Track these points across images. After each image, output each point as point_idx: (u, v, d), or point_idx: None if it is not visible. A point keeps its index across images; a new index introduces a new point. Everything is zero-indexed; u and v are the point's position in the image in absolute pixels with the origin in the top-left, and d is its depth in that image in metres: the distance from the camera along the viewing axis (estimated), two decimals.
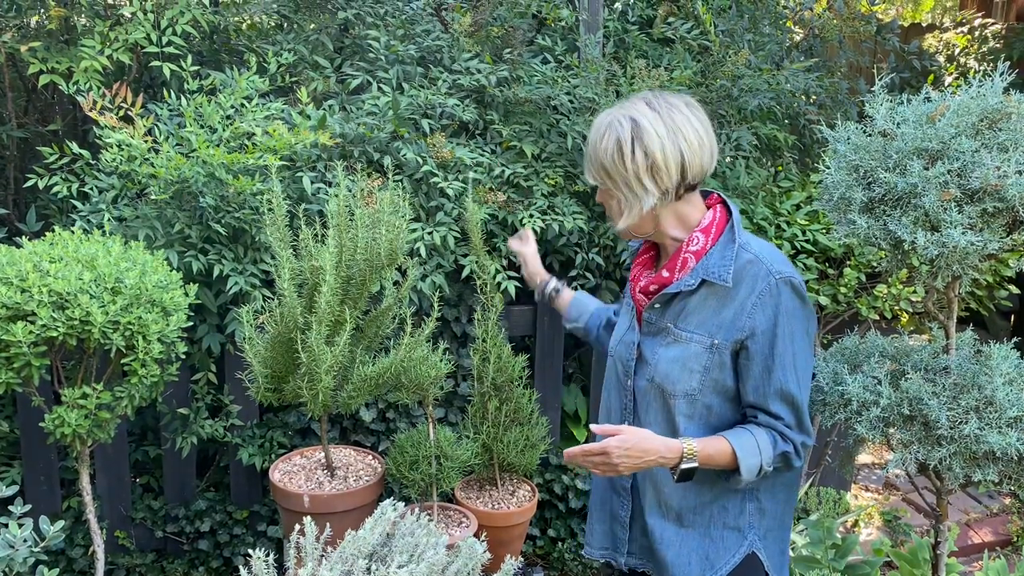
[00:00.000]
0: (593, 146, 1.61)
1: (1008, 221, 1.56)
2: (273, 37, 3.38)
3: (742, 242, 1.58)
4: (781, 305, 1.53)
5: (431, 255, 2.86)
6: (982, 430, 1.60)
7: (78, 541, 2.84)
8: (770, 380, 1.54)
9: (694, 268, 1.60)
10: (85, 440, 2.24)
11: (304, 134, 2.65)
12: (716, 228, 1.62)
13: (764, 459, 1.55)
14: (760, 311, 1.53)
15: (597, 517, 1.87)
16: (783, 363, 1.54)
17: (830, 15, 3.66)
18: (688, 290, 1.59)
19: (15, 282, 1.99)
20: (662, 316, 1.65)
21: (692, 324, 1.60)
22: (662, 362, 1.62)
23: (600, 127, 1.60)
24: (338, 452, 2.69)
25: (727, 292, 1.56)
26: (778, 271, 1.54)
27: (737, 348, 1.57)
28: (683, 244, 1.63)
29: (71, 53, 2.84)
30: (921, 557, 2.26)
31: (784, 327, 1.53)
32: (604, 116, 1.61)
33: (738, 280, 1.55)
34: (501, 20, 3.39)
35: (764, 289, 1.53)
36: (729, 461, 1.55)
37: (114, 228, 2.56)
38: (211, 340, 2.75)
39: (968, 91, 1.64)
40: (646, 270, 1.73)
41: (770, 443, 1.56)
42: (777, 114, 3.39)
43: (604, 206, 1.69)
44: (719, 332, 1.57)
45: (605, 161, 1.58)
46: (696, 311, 1.60)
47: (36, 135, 3.25)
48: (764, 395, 1.56)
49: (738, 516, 1.65)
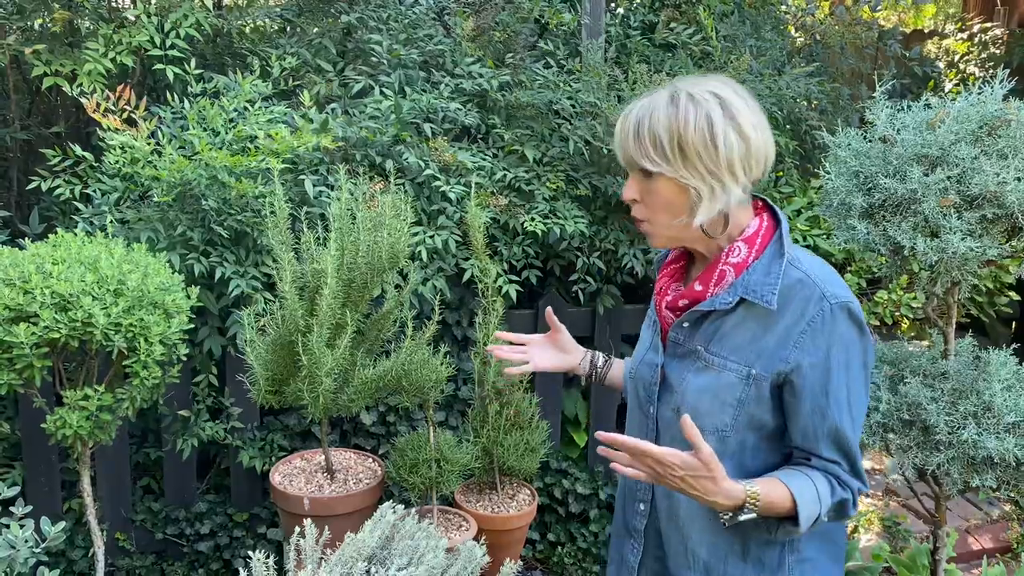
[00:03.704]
0: (665, 124, 1.30)
1: (1007, 227, 1.57)
2: (276, 41, 3.39)
3: (791, 257, 1.34)
4: (836, 335, 1.29)
5: (432, 259, 2.87)
6: (980, 436, 1.60)
7: (78, 543, 2.85)
8: (823, 422, 1.32)
9: (732, 284, 1.35)
10: (86, 442, 2.25)
11: (306, 137, 2.66)
12: (762, 239, 1.37)
13: (823, 508, 1.32)
14: (810, 341, 1.30)
15: (612, 557, 1.64)
16: (838, 402, 1.31)
17: (832, 21, 3.67)
18: (724, 309, 1.36)
19: (18, 283, 2.00)
20: (691, 337, 1.41)
21: (726, 349, 1.36)
22: (691, 391, 1.39)
23: (675, 101, 1.31)
24: (338, 455, 2.69)
25: (770, 315, 1.33)
26: (833, 295, 1.30)
27: (780, 382, 1.34)
28: (722, 255, 1.38)
29: (75, 56, 2.86)
30: (920, 563, 2.26)
31: (838, 360, 1.30)
32: (666, 92, 1.33)
33: (785, 302, 1.31)
34: (503, 25, 3.41)
35: (816, 316, 1.29)
36: (787, 509, 1.31)
37: (117, 230, 2.56)
38: (212, 342, 2.76)
39: (968, 98, 1.65)
40: (675, 282, 1.48)
41: (829, 491, 1.33)
42: (779, 119, 3.40)
43: (642, 204, 1.38)
44: (758, 361, 1.33)
45: (691, 140, 1.28)
46: (732, 334, 1.36)
47: (39, 137, 3.27)
48: (815, 439, 1.33)
49: (776, 572, 1.42)
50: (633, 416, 1.54)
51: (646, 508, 1.51)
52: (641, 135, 1.32)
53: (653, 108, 1.32)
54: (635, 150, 1.33)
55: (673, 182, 1.32)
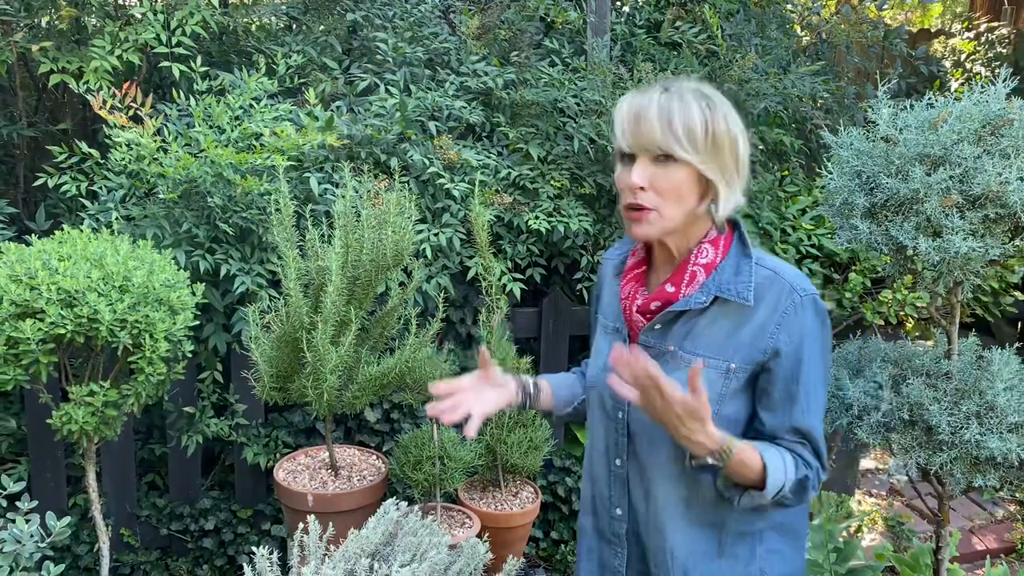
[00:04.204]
0: (700, 116, 1.35)
1: (1010, 227, 1.57)
2: (282, 39, 3.40)
3: (756, 256, 1.43)
4: (807, 325, 1.39)
5: (437, 256, 2.88)
6: (983, 436, 1.60)
7: (83, 538, 2.86)
8: (792, 408, 1.40)
9: (704, 284, 1.42)
10: (92, 437, 2.26)
11: (311, 135, 2.66)
12: (725, 241, 1.45)
13: (787, 480, 1.39)
14: (784, 331, 1.39)
15: (585, 568, 1.65)
16: (806, 387, 1.40)
17: (838, 20, 3.66)
18: (698, 308, 1.41)
19: (24, 279, 2.01)
20: (663, 338, 1.45)
21: (702, 347, 1.42)
22: None
23: (699, 97, 1.37)
24: (342, 452, 2.70)
25: (744, 311, 1.40)
26: (802, 288, 1.40)
27: (757, 371, 1.42)
28: (691, 256, 1.44)
29: (81, 53, 2.87)
30: (923, 562, 2.26)
31: (808, 348, 1.39)
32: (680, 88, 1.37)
33: (758, 298, 1.40)
34: (509, 23, 3.41)
35: (788, 308, 1.38)
36: (755, 475, 1.38)
37: (122, 227, 2.57)
38: (217, 339, 2.77)
39: (971, 97, 1.64)
40: (640, 287, 1.52)
41: (794, 466, 1.40)
42: (784, 119, 3.40)
43: (650, 191, 1.39)
44: (736, 355, 1.40)
45: (722, 135, 1.35)
46: (706, 332, 1.42)
47: (46, 134, 3.28)
48: (783, 423, 1.41)
49: (749, 562, 1.47)
50: (597, 424, 1.56)
51: (623, 513, 1.54)
52: (673, 122, 1.35)
53: (679, 99, 1.35)
54: (663, 136, 1.35)
55: (693, 171, 1.36)
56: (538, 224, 2.87)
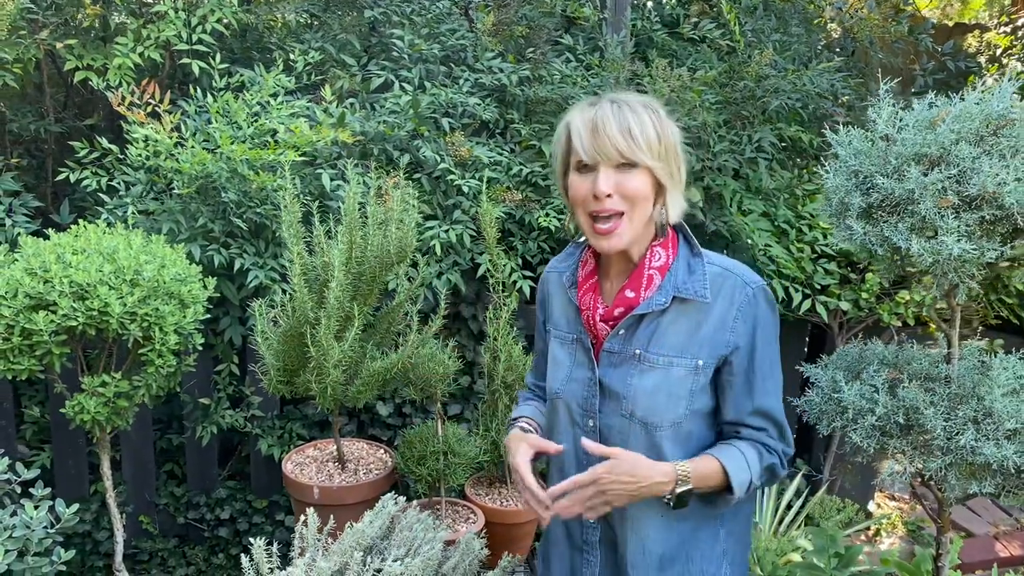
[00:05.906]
0: (652, 126, 1.42)
1: (1009, 229, 1.53)
2: (302, 35, 3.43)
3: (705, 255, 1.50)
4: (759, 316, 1.46)
5: (448, 253, 2.89)
6: (978, 441, 1.57)
7: (104, 524, 2.93)
8: (752, 394, 1.47)
9: (661, 285, 1.47)
10: (104, 426, 2.31)
11: (324, 132, 2.69)
12: (672, 242, 1.51)
13: (753, 473, 1.47)
14: (742, 323, 1.45)
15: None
16: (763, 375, 1.47)
17: (863, 14, 3.59)
18: (659, 309, 1.46)
19: (39, 272, 2.07)
20: (628, 343, 1.49)
21: (666, 347, 1.47)
22: (641, 394, 1.47)
23: (648, 109, 1.43)
24: (351, 445, 2.73)
25: (702, 308, 1.46)
26: (752, 281, 1.47)
27: (720, 364, 1.47)
28: (645, 260, 1.49)
29: (106, 50, 2.93)
30: (924, 568, 2.22)
31: (762, 337, 1.46)
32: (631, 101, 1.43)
33: (714, 294, 1.46)
34: (527, 19, 3.40)
35: (743, 301, 1.45)
36: (720, 480, 1.45)
37: (140, 222, 2.63)
38: (233, 332, 2.81)
39: (972, 96, 1.61)
40: (596, 296, 1.56)
41: (757, 457, 1.48)
42: (803, 116, 3.35)
43: (618, 197, 1.43)
44: (702, 351, 1.46)
45: (671, 143, 1.43)
46: (669, 332, 1.47)
47: (74, 129, 3.36)
48: (745, 410, 1.48)
49: (713, 545, 1.55)
50: (565, 431, 1.58)
51: (596, 520, 1.57)
52: (632, 130, 1.41)
53: (630, 111, 1.42)
54: (627, 143, 1.41)
55: (651, 176, 1.43)
56: (548, 221, 2.87)
